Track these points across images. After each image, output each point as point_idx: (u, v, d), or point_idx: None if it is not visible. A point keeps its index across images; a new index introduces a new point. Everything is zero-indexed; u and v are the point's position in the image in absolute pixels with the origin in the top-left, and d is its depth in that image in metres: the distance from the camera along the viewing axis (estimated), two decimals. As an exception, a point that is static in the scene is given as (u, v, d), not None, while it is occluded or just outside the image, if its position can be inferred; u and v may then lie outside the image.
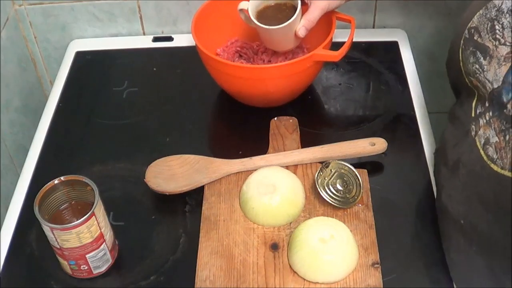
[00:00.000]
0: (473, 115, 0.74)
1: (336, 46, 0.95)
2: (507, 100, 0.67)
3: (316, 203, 0.86)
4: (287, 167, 0.90)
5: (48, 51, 1.24)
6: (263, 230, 0.83)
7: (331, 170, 0.86)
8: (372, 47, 1.15)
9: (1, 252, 0.85)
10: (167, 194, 0.88)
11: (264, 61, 1.03)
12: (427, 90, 1.07)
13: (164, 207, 0.89)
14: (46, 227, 0.74)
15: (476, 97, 0.75)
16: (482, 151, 0.70)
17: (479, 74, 0.72)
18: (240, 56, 1.05)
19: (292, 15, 0.92)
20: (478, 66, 0.72)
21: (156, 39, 1.19)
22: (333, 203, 0.84)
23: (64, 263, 0.79)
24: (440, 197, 0.82)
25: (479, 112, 0.73)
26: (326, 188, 0.85)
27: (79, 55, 1.18)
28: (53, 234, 0.74)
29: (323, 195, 0.84)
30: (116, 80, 1.11)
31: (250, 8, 0.95)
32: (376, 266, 0.78)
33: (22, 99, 1.18)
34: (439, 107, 1.12)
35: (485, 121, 0.71)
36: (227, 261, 0.80)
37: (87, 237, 0.75)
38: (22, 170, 0.96)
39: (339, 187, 0.85)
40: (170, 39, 1.19)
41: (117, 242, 0.83)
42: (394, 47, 1.15)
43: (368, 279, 0.77)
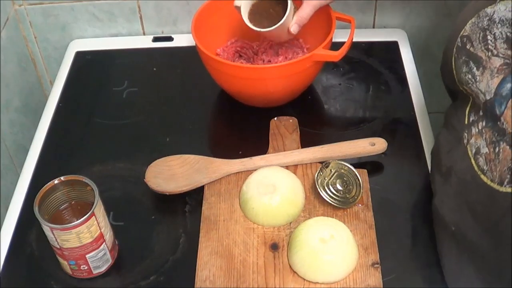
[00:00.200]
0: (466, 122, 0.73)
1: (336, 46, 0.95)
2: (499, 112, 0.66)
3: (316, 203, 0.86)
4: (287, 167, 0.90)
5: (48, 51, 1.24)
6: (263, 230, 0.83)
7: (331, 170, 0.86)
8: (372, 47, 1.15)
9: (1, 252, 0.85)
10: (167, 194, 0.88)
11: (264, 61, 1.03)
12: (427, 90, 1.07)
13: (164, 207, 0.89)
14: (46, 227, 0.74)
15: (470, 103, 0.74)
16: (473, 160, 0.69)
17: (471, 84, 0.71)
18: (240, 56, 1.05)
19: (285, 10, 0.92)
20: (471, 76, 0.71)
21: (156, 39, 1.19)
22: (333, 203, 0.84)
23: (64, 263, 0.79)
24: (434, 201, 0.81)
25: (472, 120, 0.72)
26: (326, 188, 0.85)
27: (79, 55, 1.18)
28: (53, 234, 0.74)
29: (323, 195, 0.84)
30: (116, 80, 1.11)
31: (243, 6, 0.95)
32: (376, 266, 0.78)
33: (22, 99, 1.18)
34: (439, 107, 1.11)
35: (477, 130, 0.70)
36: (227, 261, 0.80)
37: (87, 237, 0.75)
38: (22, 170, 0.96)
39: (339, 187, 0.85)
40: (170, 39, 1.19)
41: (117, 242, 0.83)
42: (394, 47, 1.15)
43: (368, 279, 0.77)
